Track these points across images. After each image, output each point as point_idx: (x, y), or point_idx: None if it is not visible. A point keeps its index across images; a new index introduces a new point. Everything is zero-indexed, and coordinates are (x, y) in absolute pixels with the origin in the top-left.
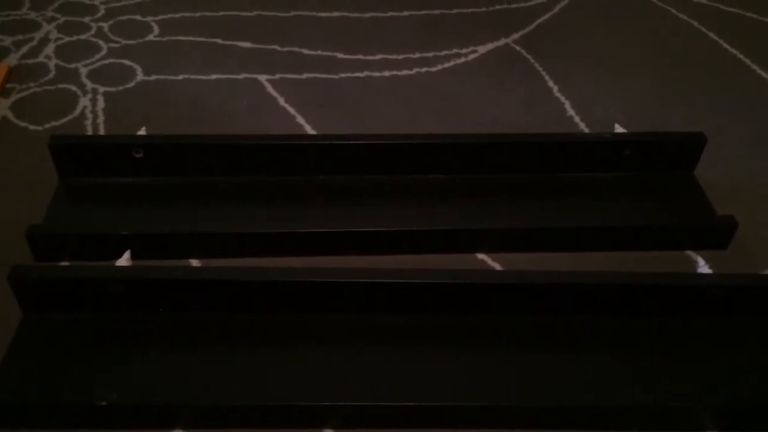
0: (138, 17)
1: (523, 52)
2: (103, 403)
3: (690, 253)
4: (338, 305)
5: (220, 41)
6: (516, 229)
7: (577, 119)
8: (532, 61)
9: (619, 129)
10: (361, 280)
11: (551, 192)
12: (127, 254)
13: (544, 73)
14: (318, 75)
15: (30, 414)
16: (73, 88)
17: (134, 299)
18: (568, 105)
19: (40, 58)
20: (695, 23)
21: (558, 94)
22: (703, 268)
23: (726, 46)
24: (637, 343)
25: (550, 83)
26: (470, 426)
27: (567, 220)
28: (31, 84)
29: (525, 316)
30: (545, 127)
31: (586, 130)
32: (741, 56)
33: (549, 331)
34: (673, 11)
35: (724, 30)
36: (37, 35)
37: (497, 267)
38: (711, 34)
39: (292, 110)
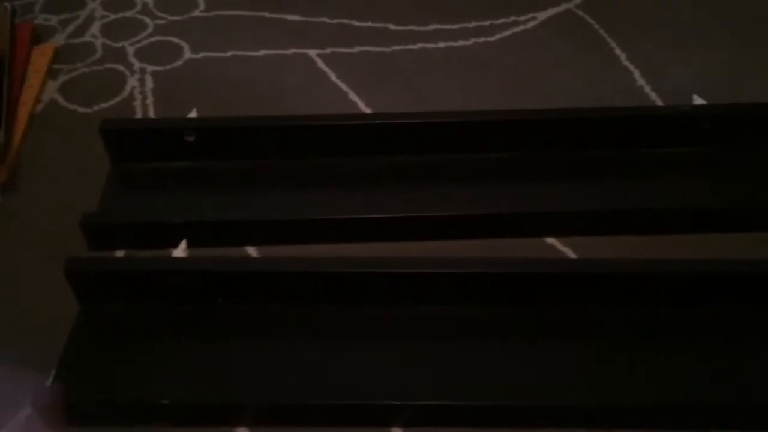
0: None
1: (587, 17)
2: (165, 401)
3: None
4: (407, 296)
5: (267, 14)
6: (587, 211)
7: (647, 89)
8: (597, 27)
9: (698, 100)
10: (430, 271)
11: (624, 170)
12: (183, 244)
13: (610, 40)
14: (370, 48)
15: (89, 411)
16: (121, 68)
17: (193, 291)
18: (637, 74)
19: (87, 38)
20: None
21: (626, 63)
22: None
23: None
24: (729, 334)
25: (617, 51)
26: (553, 425)
27: (642, 201)
28: (79, 64)
29: (602, 307)
30: (613, 99)
31: (659, 102)
32: None
33: (629, 323)
34: None
35: None
36: (83, 14)
37: (568, 252)
38: None
39: (344, 86)
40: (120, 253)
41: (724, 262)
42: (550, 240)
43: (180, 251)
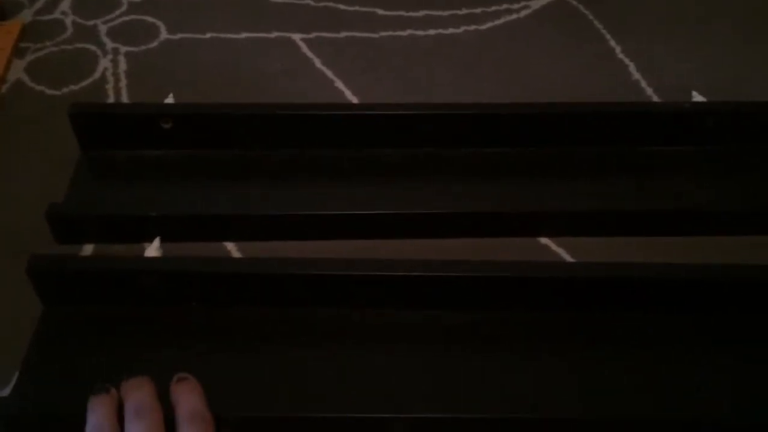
0: None
1: (581, 7)
2: None
3: None
4: (393, 300)
5: None
6: (582, 211)
7: (644, 84)
8: (591, 17)
9: (697, 97)
10: (418, 274)
11: (620, 169)
12: (156, 242)
13: (605, 31)
14: (357, 34)
15: (54, 423)
16: (93, 47)
17: (167, 293)
18: (632, 68)
19: (56, 14)
20: None
21: (621, 56)
22: None
23: None
24: (736, 344)
25: (612, 43)
26: None
27: (642, 201)
28: (47, 43)
29: (599, 313)
30: (608, 93)
31: (655, 97)
32: None
33: (627, 329)
34: None
35: None
36: None
37: (562, 253)
38: None
39: (330, 73)
40: (89, 247)
41: (724, 268)
42: (544, 240)
43: (153, 249)
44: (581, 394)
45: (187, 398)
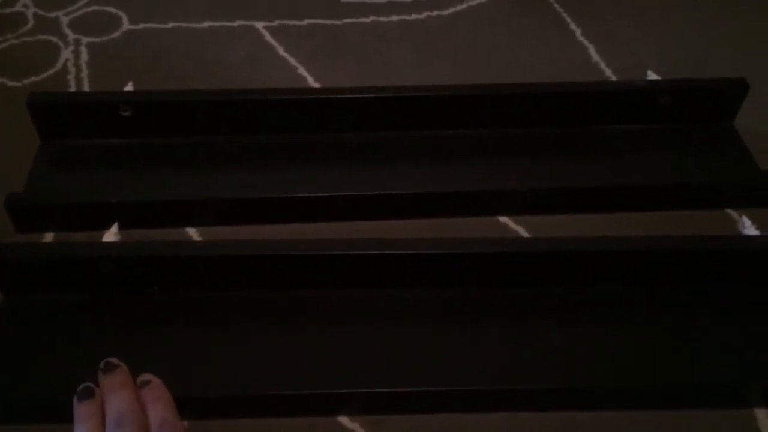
0: None
1: None
2: None
3: (731, 212)
4: (351, 280)
5: None
6: (540, 189)
7: (602, 65)
8: (552, 1)
9: (652, 76)
10: (376, 252)
11: (578, 147)
12: (114, 228)
13: (565, 15)
14: (319, 21)
15: (13, 411)
16: (54, 39)
17: (127, 279)
18: (592, 50)
19: (17, 7)
20: None
21: (581, 38)
22: (750, 229)
23: None
24: (685, 312)
25: (573, 26)
26: (503, 409)
27: (596, 178)
28: (8, 36)
29: (558, 288)
30: (568, 74)
31: (614, 78)
32: None
33: (591, 304)
34: None
35: None
36: None
37: (521, 231)
38: None
39: (293, 60)
40: (49, 236)
41: (678, 240)
42: (503, 219)
43: (111, 234)
44: (539, 365)
45: (154, 408)
